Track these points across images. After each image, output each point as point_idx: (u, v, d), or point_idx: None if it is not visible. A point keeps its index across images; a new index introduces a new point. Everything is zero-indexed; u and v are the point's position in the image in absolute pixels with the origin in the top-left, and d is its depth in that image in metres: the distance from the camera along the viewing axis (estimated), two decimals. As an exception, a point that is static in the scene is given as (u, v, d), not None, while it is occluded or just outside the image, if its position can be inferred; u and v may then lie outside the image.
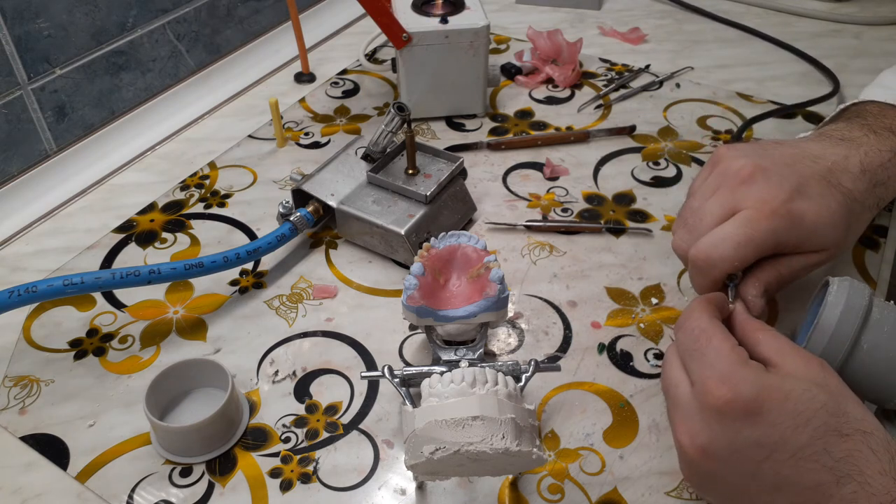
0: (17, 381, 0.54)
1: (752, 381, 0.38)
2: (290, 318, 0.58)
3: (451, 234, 0.53)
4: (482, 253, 0.52)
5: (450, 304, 0.52)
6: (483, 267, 0.51)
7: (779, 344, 0.41)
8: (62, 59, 0.71)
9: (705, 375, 0.39)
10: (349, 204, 0.62)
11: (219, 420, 0.48)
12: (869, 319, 0.45)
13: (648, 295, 0.60)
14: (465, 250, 0.53)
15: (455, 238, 0.53)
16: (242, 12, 0.88)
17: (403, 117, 0.62)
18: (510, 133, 0.78)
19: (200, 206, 0.69)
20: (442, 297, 0.53)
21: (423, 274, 0.51)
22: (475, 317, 0.51)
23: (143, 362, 0.55)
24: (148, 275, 0.55)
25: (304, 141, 0.78)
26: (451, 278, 0.54)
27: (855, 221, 0.51)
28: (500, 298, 0.50)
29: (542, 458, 0.40)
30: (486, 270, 0.51)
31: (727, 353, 0.40)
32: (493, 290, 0.50)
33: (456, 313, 0.51)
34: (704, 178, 0.52)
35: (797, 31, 0.95)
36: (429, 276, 0.52)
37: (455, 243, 0.53)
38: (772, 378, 0.38)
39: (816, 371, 0.39)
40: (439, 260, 0.53)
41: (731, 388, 0.38)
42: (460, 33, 0.74)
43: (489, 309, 0.50)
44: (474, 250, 0.53)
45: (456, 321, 0.51)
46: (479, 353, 0.51)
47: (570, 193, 0.70)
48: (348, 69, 0.90)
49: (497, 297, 0.50)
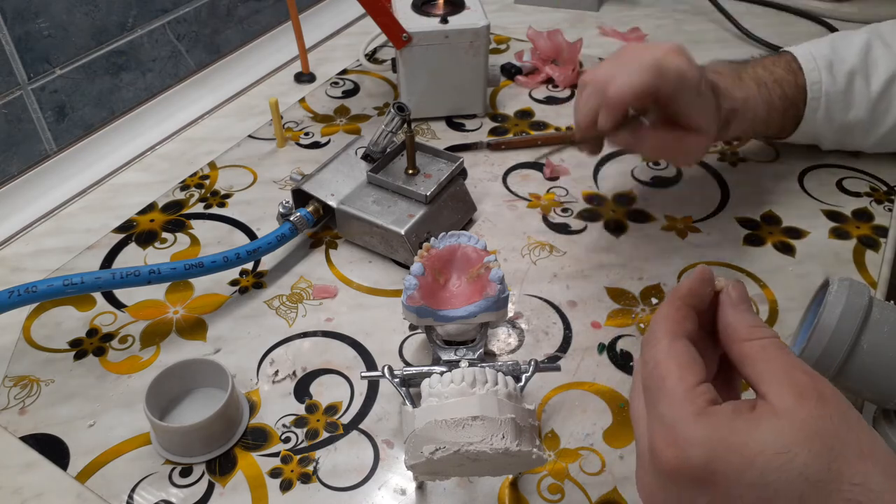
0: (17, 381, 0.54)
1: (702, 444, 0.30)
2: (290, 318, 0.58)
3: (451, 235, 0.53)
4: (482, 253, 0.52)
5: (450, 304, 0.52)
6: (483, 267, 0.51)
7: (770, 365, 0.32)
8: (62, 59, 0.71)
9: (654, 430, 0.32)
10: (349, 204, 0.62)
11: (219, 420, 0.48)
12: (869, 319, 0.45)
13: (648, 295, 0.60)
14: (465, 250, 0.53)
15: (455, 238, 0.53)
16: (242, 12, 0.88)
17: (403, 117, 0.62)
18: (510, 133, 0.78)
19: (200, 206, 0.69)
20: (442, 297, 0.53)
21: (423, 274, 0.51)
22: (475, 317, 0.50)
23: (143, 362, 0.55)
24: (148, 275, 0.55)
25: (304, 141, 0.78)
26: (451, 278, 0.54)
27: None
28: (500, 298, 0.50)
29: (542, 457, 0.40)
30: (486, 270, 0.51)
31: (679, 401, 0.32)
32: (493, 290, 0.50)
33: (456, 313, 0.51)
34: None
35: (797, 31, 0.95)
36: (429, 277, 0.52)
37: (455, 243, 0.53)
38: (733, 438, 0.30)
39: (809, 412, 0.30)
40: (439, 260, 0.53)
41: (678, 452, 0.31)
42: (460, 33, 0.74)
43: (489, 309, 0.50)
44: (474, 250, 0.53)
45: (456, 321, 0.51)
46: (480, 353, 0.51)
47: (570, 193, 0.70)
48: (348, 69, 0.90)
49: (497, 297, 0.50)
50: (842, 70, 0.65)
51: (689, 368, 0.33)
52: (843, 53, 0.65)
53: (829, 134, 0.68)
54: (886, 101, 0.65)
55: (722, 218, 0.67)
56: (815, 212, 0.67)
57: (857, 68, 0.65)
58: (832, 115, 0.66)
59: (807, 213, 0.67)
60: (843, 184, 0.70)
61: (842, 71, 0.65)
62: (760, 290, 0.60)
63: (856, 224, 0.65)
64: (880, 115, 0.66)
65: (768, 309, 0.58)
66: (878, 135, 0.68)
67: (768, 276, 0.61)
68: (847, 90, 0.65)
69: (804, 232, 0.65)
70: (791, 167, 0.71)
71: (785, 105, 0.65)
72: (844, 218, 0.66)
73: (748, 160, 0.73)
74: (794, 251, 0.63)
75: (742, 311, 0.35)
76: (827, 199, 0.68)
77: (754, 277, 0.61)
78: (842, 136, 0.68)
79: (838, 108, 0.65)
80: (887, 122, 0.66)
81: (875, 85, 0.65)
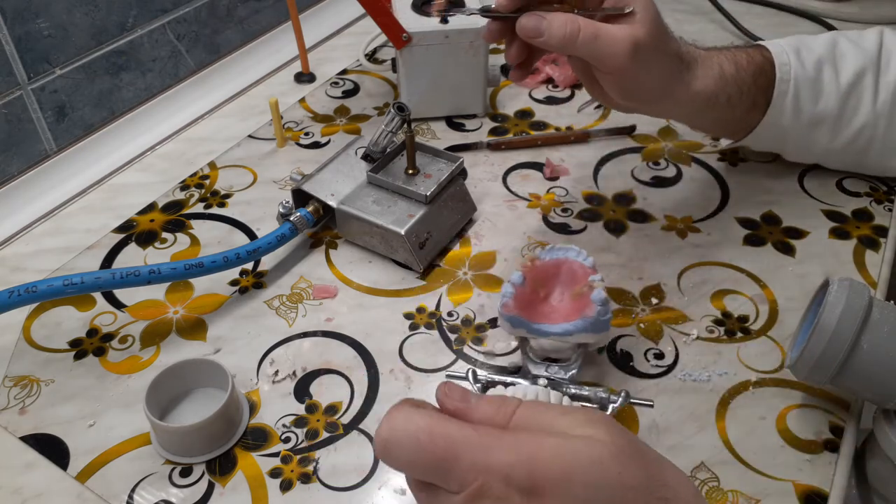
0: (17, 381, 0.54)
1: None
2: (290, 318, 0.58)
3: (560, 248, 0.51)
4: (588, 270, 0.50)
5: (547, 319, 0.50)
6: (587, 286, 0.49)
7: None
8: (62, 59, 0.71)
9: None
10: (349, 204, 0.62)
11: (219, 420, 0.48)
12: (869, 319, 0.45)
13: (648, 295, 0.60)
14: (571, 265, 0.51)
15: (563, 252, 0.51)
16: (242, 12, 0.88)
17: (403, 117, 0.62)
18: (510, 133, 0.78)
19: (200, 206, 0.69)
20: (540, 311, 0.51)
21: (522, 284, 0.49)
22: (570, 336, 0.48)
23: (143, 362, 0.55)
24: (148, 275, 0.55)
25: (304, 141, 0.78)
26: (554, 293, 0.52)
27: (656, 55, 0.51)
28: (600, 321, 0.48)
29: None
30: (589, 290, 0.49)
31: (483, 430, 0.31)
32: (592, 312, 0.47)
33: (550, 328, 0.49)
34: None
35: (798, 31, 0.94)
36: (528, 288, 0.50)
37: (563, 257, 0.51)
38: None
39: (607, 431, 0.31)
40: (544, 272, 0.51)
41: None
42: (460, 33, 0.73)
43: (586, 330, 0.48)
44: (581, 266, 0.51)
45: (550, 336, 0.49)
46: (572, 374, 0.49)
47: (570, 193, 0.70)
48: (348, 69, 0.90)
49: (596, 318, 0.47)
50: (810, 58, 0.61)
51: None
52: (810, 43, 0.63)
53: (796, 129, 0.63)
54: (857, 97, 0.62)
55: (722, 218, 0.67)
56: (815, 212, 0.67)
57: (824, 58, 0.62)
58: (801, 105, 0.61)
59: (807, 213, 0.67)
60: (843, 184, 0.70)
61: (810, 59, 0.61)
62: (760, 290, 0.60)
63: (856, 224, 0.65)
64: (850, 111, 0.62)
65: (768, 309, 0.58)
66: (845, 136, 0.63)
67: (768, 276, 0.61)
68: (816, 78, 0.61)
69: (804, 232, 0.65)
70: (791, 167, 0.71)
71: (754, 71, 0.60)
72: (844, 218, 0.66)
73: (748, 160, 0.73)
74: (794, 251, 0.63)
75: (481, 404, 0.33)
76: (827, 199, 0.68)
77: (754, 277, 0.61)
78: (809, 132, 0.63)
79: (807, 97, 0.61)
80: (856, 121, 0.63)
81: (844, 77, 0.62)
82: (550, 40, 0.48)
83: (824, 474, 0.47)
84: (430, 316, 0.58)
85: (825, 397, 0.52)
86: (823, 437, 0.50)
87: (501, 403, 0.32)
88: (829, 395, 0.52)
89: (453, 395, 0.33)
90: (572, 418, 0.31)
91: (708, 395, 0.52)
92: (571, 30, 0.48)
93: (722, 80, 0.58)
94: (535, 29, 0.48)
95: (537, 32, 0.48)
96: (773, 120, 0.62)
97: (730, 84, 0.58)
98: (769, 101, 0.61)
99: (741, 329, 0.57)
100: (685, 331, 0.57)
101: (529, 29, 0.48)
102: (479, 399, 0.33)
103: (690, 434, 0.50)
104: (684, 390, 0.52)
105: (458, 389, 0.33)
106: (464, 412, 0.32)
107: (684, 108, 0.58)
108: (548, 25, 0.48)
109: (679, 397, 0.52)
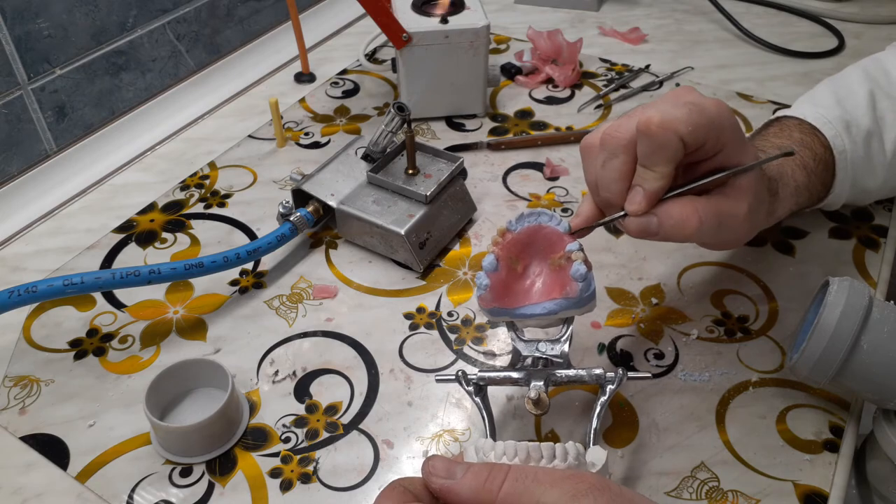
0: (17, 381, 0.54)
1: None
2: (290, 318, 0.58)
3: (531, 214, 0.47)
4: (565, 236, 0.46)
5: (529, 298, 0.46)
6: (564, 257, 0.45)
7: None
8: (62, 59, 0.71)
9: None
10: (349, 204, 0.62)
11: (219, 420, 0.48)
12: (869, 319, 0.45)
13: (648, 295, 0.60)
14: (545, 232, 0.47)
15: (535, 218, 0.47)
16: (242, 12, 0.88)
17: (403, 117, 0.62)
18: (510, 133, 0.78)
19: (200, 206, 0.69)
20: (520, 289, 0.47)
21: (497, 269, 0.46)
22: (556, 314, 0.45)
23: (143, 362, 0.55)
24: (148, 275, 0.55)
25: (304, 141, 0.78)
26: (532, 264, 0.48)
27: None
28: (583, 297, 0.44)
29: None
30: (568, 262, 0.45)
31: None
32: (574, 291, 0.44)
33: (533, 310, 0.46)
34: None
35: (798, 31, 0.95)
36: (503, 271, 0.46)
37: (535, 223, 0.47)
38: None
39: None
40: (517, 245, 0.47)
41: None
42: (460, 33, 0.74)
43: (570, 307, 0.45)
44: (555, 232, 0.46)
45: (535, 318, 0.46)
46: (563, 349, 0.46)
47: (569, 193, 0.70)
48: (348, 69, 0.90)
49: (579, 296, 0.44)
50: (860, 134, 0.59)
51: None
52: (854, 113, 0.59)
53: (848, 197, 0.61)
54: None
55: (722, 218, 0.67)
56: (815, 212, 0.67)
57: (872, 129, 0.59)
58: (857, 182, 0.60)
59: (807, 212, 0.67)
60: (843, 184, 0.70)
61: (860, 135, 0.59)
62: (760, 291, 0.60)
63: (856, 224, 0.65)
64: (893, 175, 0.61)
65: (768, 309, 0.58)
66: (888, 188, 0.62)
67: (768, 276, 0.61)
68: (867, 155, 0.59)
69: (804, 232, 0.65)
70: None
71: (818, 166, 0.57)
72: (844, 218, 0.66)
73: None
74: (794, 251, 0.63)
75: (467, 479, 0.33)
76: (827, 199, 0.68)
77: (754, 277, 0.61)
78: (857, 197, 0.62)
79: (861, 175, 0.59)
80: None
81: (889, 144, 0.60)
82: (669, 238, 0.44)
83: (824, 474, 0.47)
84: (430, 316, 0.58)
85: (825, 397, 0.52)
86: (823, 437, 0.50)
87: (488, 476, 0.32)
88: (829, 395, 0.52)
89: (438, 471, 0.33)
90: (561, 491, 0.31)
91: (708, 395, 0.52)
92: (692, 224, 0.43)
93: (797, 194, 0.55)
94: (645, 232, 0.44)
95: (649, 234, 0.44)
96: (829, 202, 0.61)
97: (802, 194, 0.56)
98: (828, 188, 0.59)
99: (741, 329, 0.57)
100: (685, 331, 0.57)
101: (639, 232, 0.44)
102: (466, 472, 0.33)
103: (690, 434, 0.50)
104: (684, 390, 0.52)
105: (443, 464, 0.33)
106: (448, 491, 0.32)
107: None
108: (659, 224, 0.43)
109: (679, 397, 0.52)
